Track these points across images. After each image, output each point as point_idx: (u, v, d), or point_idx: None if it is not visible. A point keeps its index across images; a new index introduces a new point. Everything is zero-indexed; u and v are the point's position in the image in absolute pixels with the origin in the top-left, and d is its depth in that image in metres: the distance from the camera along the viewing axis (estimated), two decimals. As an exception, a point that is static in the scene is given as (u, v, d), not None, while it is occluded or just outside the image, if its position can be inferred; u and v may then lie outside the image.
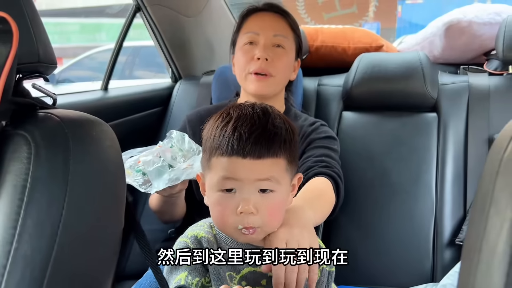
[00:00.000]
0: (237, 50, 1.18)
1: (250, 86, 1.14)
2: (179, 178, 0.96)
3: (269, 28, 1.15)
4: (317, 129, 1.19)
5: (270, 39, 1.14)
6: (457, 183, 1.34)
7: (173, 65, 1.83)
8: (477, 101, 1.41)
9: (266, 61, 1.12)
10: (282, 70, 1.16)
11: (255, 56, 1.12)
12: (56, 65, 0.65)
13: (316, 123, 1.22)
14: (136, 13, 1.64)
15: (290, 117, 1.24)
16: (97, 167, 0.55)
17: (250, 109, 0.71)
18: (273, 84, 1.15)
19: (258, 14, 1.19)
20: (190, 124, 1.24)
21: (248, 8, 1.20)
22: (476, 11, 1.61)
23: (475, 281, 0.34)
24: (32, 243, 0.47)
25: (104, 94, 1.57)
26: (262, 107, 0.72)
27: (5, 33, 0.52)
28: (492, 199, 0.36)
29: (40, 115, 0.56)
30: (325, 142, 1.17)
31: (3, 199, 0.49)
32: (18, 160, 0.50)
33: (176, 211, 1.15)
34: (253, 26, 1.16)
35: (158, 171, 0.95)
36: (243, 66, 1.15)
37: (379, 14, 7.22)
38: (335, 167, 1.10)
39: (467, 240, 0.39)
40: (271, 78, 1.13)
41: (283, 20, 1.18)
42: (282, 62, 1.15)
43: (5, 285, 0.46)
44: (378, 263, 1.31)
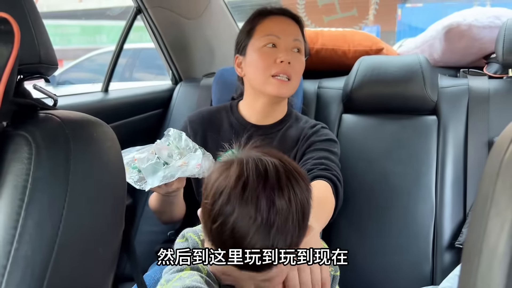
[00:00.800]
0: (253, 52, 1.18)
1: (270, 88, 1.15)
2: (173, 176, 0.96)
3: (289, 32, 1.17)
4: (317, 132, 1.20)
5: (291, 43, 1.16)
6: (457, 186, 1.34)
7: (174, 67, 1.83)
8: (477, 104, 1.41)
9: (288, 64, 1.14)
10: (299, 73, 1.19)
11: (279, 59, 1.13)
12: (57, 66, 0.65)
13: (317, 125, 1.22)
14: (137, 15, 1.64)
15: (291, 119, 1.25)
16: (98, 167, 0.55)
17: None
18: (292, 88, 1.18)
19: (275, 17, 1.20)
20: (191, 124, 1.24)
21: (260, 10, 1.21)
22: (475, 14, 1.62)
23: (476, 282, 0.34)
24: (33, 243, 0.47)
25: (104, 96, 1.57)
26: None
27: (6, 34, 0.52)
28: (492, 200, 0.36)
29: (41, 116, 0.56)
30: (325, 145, 1.17)
31: (4, 199, 0.49)
32: (19, 161, 0.50)
33: (175, 211, 1.15)
34: (273, 29, 1.17)
35: (153, 168, 0.96)
36: (263, 68, 1.15)
37: (379, 17, 7.24)
38: (335, 169, 1.10)
39: (467, 241, 0.39)
40: (290, 82, 1.16)
41: (297, 25, 1.21)
42: (300, 66, 1.18)
43: (5, 285, 0.46)
44: (377, 266, 1.31)
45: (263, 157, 0.67)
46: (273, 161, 0.67)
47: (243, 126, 1.22)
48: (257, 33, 1.19)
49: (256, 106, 1.21)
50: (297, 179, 0.66)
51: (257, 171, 0.64)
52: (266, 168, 0.65)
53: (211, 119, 1.25)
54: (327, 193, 1.04)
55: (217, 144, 1.21)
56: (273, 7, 1.21)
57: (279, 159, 0.68)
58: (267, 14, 1.20)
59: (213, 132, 1.23)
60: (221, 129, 1.23)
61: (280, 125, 1.23)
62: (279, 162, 0.67)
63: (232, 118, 1.24)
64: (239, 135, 1.21)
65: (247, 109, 1.24)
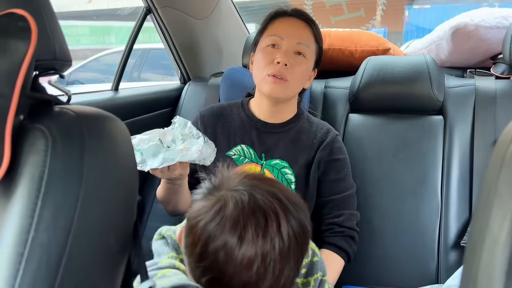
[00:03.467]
0: (259, 51, 1.20)
1: (265, 87, 1.16)
2: (173, 159, 0.98)
3: (293, 34, 1.16)
4: (332, 145, 1.22)
5: (293, 46, 1.15)
6: (463, 186, 1.35)
7: (182, 67, 1.85)
8: (483, 104, 1.41)
9: (285, 66, 1.13)
10: (298, 77, 1.17)
11: (276, 60, 1.14)
12: (71, 62, 0.67)
13: (330, 134, 1.24)
14: (147, 15, 1.66)
15: (302, 120, 1.26)
16: (111, 161, 0.56)
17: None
18: (288, 89, 1.17)
19: (285, 18, 1.20)
20: (202, 119, 1.26)
21: (277, 10, 1.22)
22: (483, 15, 1.62)
23: (478, 270, 0.36)
24: (49, 232, 0.49)
25: (114, 94, 1.59)
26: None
27: (24, 31, 0.54)
28: (496, 191, 0.37)
29: (56, 110, 0.57)
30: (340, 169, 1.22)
31: (21, 189, 0.51)
32: (35, 153, 0.52)
33: (180, 202, 1.16)
34: (278, 29, 1.18)
35: (154, 150, 0.97)
36: (262, 67, 1.16)
37: (386, 18, 7.23)
38: (349, 228, 1.18)
39: (471, 231, 0.40)
40: (286, 83, 1.15)
41: (308, 29, 1.20)
42: (300, 70, 1.17)
43: (23, 272, 0.48)
44: (382, 263, 1.32)
45: (256, 193, 0.62)
46: (265, 198, 0.61)
47: (252, 122, 1.24)
48: (266, 32, 1.20)
49: (262, 104, 1.23)
50: (292, 213, 0.62)
51: (248, 208, 0.60)
52: (258, 206, 0.60)
53: (222, 114, 1.27)
54: (337, 269, 1.14)
55: (227, 138, 1.22)
56: (289, 9, 1.22)
57: (272, 192, 0.63)
58: (281, 15, 1.21)
59: (223, 126, 1.24)
60: (231, 124, 1.24)
61: (290, 125, 1.24)
62: (272, 197, 0.62)
63: (242, 114, 1.26)
64: (248, 131, 1.22)
65: (256, 107, 1.25)
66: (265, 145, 1.21)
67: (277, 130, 1.23)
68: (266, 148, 1.21)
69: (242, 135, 1.22)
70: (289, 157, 1.20)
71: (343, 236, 1.17)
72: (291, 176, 1.19)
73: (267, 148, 1.21)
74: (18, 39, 0.54)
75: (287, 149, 1.21)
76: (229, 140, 1.22)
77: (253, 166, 1.20)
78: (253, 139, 1.22)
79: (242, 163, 1.20)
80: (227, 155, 1.21)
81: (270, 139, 1.22)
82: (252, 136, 1.22)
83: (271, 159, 1.20)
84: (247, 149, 1.21)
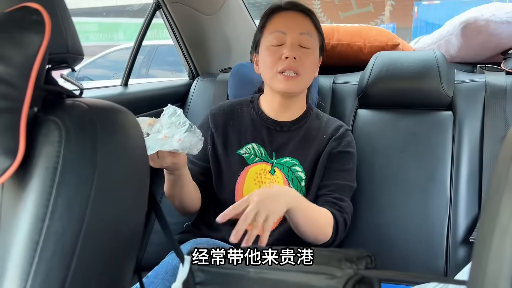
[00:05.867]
0: (263, 50, 1.19)
1: (278, 85, 1.16)
2: (154, 148, 0.95)
3: (295, 27, 1.16)
4: (342, 137, 1.22)
5: (297, 38, 1.15)
6: (472, 181, 1.34)
7: (191, 63, 1.86)
8: (493, 99, 1.40)
9: (294, 59, 1.13)
10: (309, 68, 1.18)
11: (283, 55, 1.14)
12: (83, 56, 0.68)
13: (341, 128, 1.24)
14: (156, 11, 1.67)
15: (311, 116, 1.26)
16: (123, 152, 0.57)
17: None
18: (301, 83, 1.17)
19: (283, 13, 1.20)
20: (213, 118, 1.26)
21: (272, 6, 1.22)
22: (493, 9, 1.60)
23: (488, 259, 0.36)
24: (63, 221, 0.50)
25: (124, 89, 1.61)
26: None
27: (38, 24, 0.55)
28: (506, 182, 0.37)
29: (68, 103, 0.58)
30: (344, 162, 1.20)
31: (36, 179, 0.52)
32: (49, 144, 0.53)
33: (185, 197, 1.15)
34: (279, 25, 1.17)
35: None
36: (271, 65, 1.16)
37: (395, 13, 7.19)
38: (346, 212, 1.15)
39: (481, 222, 0.40)
40: (299, 77, 1.15)
41: (307, 19, 1.20)
42: (309, 61, 1.17)
43: (38, 259, 0.49)
44: (391, 259, 1.32)
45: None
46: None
47: (263, 120, 1.24)
48: (266, 30, 1.20)
49: (274, 101, 1.23)
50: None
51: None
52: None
53: (232, 111, 1.27)
54: (326, 218, 1.10)
55: (238, 137, 1.23)
56: (283, 3, 1.21)
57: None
58: (277, 10, 1.21)
59: (233, 124, 1.24)
60: (242, 122, 1.25)
61: (300, 122, 1.24)
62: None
63: (252, 112, 1.26)
64: (259, 129, 1.23)
65: (266, 104, 1.25)
66: (275, 144, 1.21)
67: (287, 128, 1.23)
68: (276, 146, 1.21)
69: (253, 134, 1.23)
70: (300, 155, 1.20)
71: (340, 214, 1.13)
72: (301, 173, 1.19)
73: (278, 146, 1.21)
74: (32, 32, 0.55)
75: (297, 147, 1.21)
76: (240, 138, 1.22)
77: (264, 165, 1.20)
78: (264, 138, 1.22)
79: (253, 161, 1.20)
80: (238, 154, 1.21)
81: (280, 137, 1.22)
82: (263, 134, 1.22)
83: (282, 157, 1.20)
84: (257, 148, 1.21)
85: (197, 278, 0.61)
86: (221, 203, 1.22)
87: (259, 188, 1.18)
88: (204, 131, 1.24)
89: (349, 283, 0.57)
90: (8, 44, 0.53)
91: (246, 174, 1.19)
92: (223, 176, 1.21)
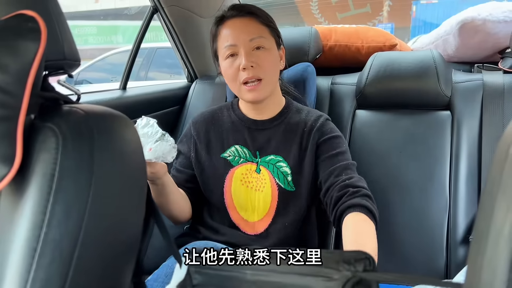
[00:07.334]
0: (221, 61, 1.18)
1: (245, 96, 1.16)
2: None
3: (243, 35, 1.13)
4: (323, 126, 1.21)
5: (249, 45, 1.13)
6: (471, 181, 1.34)
7: (189, 65, 1.86)
8: (491, 99, 1.41)
9: (252, 68, 1.12)
10: (270, 69, 1.16)
11: (241, 66, 1.12)
12: (80, 62, 0.68)
13: (321, 118, 1.23)
14: (154, 14, 1.67)
15: (291, 111, 1.25)
16: (120, 158, 0.58)
17: None
18: (266, 86, 1.15)
19: (229, 22, 1.17)
20: (194, 126, 1.27)
21: (217, 17, 1.19)
22: (490, 9, 1.61)
23: (484, 259, 0.36)
24: (60, 228, 0.50)
25: (122, 93, 1.61)
26: None
27: (34, 32, 0.55)
28: (500, 184, 0.38)
29: (65, 109, 0.59)
30: (335, 146, 1.18)
31: (33, 187, 0.52)
32: (46, 151, 0.53)
33: (172, 207, 1.15)
34: (228, 37, 1.15)
35: None
36: (232, 78, 1.15)
37: (393, 14, 7.19)
38: (363, 187, 1.10)
39: (477, 223, 0.41)
40: (262, 82, 1.14)
41: (252, 20, 1.16)
42: (267, 61, 1.15)
43: (36, 266, 0.49)
44: (391, 260, 1.32)
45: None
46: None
47: (243, 121, 1.24)
48: (219, 41, 1.18)
49: (248, 106, 1.23)
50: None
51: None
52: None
53: (213, 117, 1.27)
54: (370, 228, 1.03)
55: (220, 141, 1.23)
56: (226, 11, 1.18)
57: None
58: (223, 20, 1.18)
59: (215, 129, 1.25)
60: (223, 126, 1.25)
61: (279, 119, 1.23)
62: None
63: (232, 115, 1.26)
64: (240, 131, 1.23)
65: (244, 106, 1.26)
66: (257, 143, 1.21)
67: (267, 126, 1.23)
68: (259, 145, 1.21)
69: (234, 136, 1.23)
70: (283, 151, 1.20)
71: (361, 195, 1.08)
72: (287, 168, 1.19)
73: (260, 145, 1.21)
74: (28, 40, 0.55)
75: (279, 143, 1.21)
76: (223, 142, 1.23)
77: (249, 165, 1.20)
78: (246, 139, 1.22)
79: (238, 163, 1.20)
80: (222, 157, 1.22)
81: (261, 136, 1.22)
82: (244, 135, 1.22)
83: (266, 155, 1.20)
84: (241, 149, 1.21)
85: (195, 280, 0.61)
86: (213, 206, 1.23)
87: (246, 188, 1.18)
88: (187, 140, 1.26)
89: (347, 285, 0.57)
90: (4, 52, 0.53)
91: (232, 176, 1.20)
92: (210, 181, 1.21)
